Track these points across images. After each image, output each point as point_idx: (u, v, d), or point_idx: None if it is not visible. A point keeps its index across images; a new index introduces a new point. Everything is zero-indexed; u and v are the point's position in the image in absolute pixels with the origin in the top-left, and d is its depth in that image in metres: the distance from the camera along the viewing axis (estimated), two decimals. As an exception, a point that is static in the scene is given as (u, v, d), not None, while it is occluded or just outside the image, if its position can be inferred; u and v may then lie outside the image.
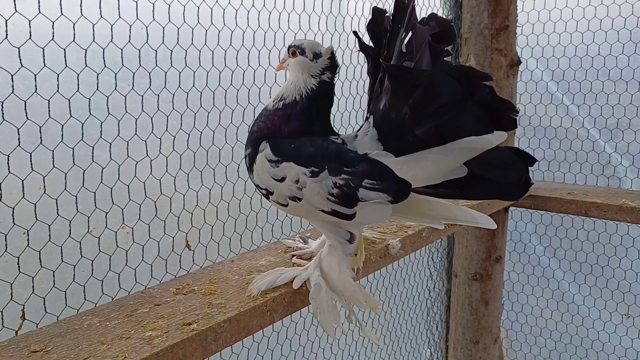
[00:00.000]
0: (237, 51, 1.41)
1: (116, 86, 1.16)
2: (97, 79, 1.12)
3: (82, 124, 1.11)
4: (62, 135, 1.08)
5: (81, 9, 1.07)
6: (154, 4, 1.18)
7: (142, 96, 1.21)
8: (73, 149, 1.10)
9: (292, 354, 1.78)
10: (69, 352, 0.89)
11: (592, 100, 2.30)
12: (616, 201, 1.97)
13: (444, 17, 1.08)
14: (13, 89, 1.01)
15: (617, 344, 2.45)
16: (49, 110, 1.06)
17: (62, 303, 1.12)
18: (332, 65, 1.13)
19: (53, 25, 1.04)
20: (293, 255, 1.32)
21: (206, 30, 1.33)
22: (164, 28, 1.23)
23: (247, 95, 1.46)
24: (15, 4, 0.99)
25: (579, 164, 2.37)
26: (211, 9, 1.33)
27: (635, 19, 2.13)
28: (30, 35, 1.02)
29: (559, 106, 2.42)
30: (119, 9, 1.14)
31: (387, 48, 1.10)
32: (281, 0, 1.53)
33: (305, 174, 1.05)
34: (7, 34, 0.99)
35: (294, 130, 1.09)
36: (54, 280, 1.11)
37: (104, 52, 1.12)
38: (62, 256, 1.12)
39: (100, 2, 1.10)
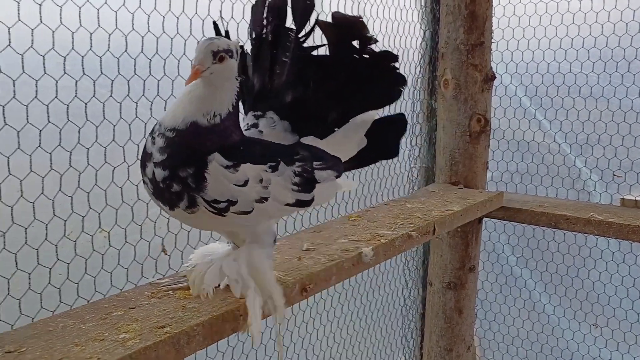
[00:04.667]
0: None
1: (95, 93, 1.18)
2: (76, 86, 1.14)
3: (60, 130, 1.13)
4: (40, 140, 1.10)
5: (61, 18, 1.09)
6: (133, 14, 1.21)
7: (121, 103, 1.23)
8: (51, 154, 1.12)
9: (267, 359, 1.80)
10: (43, 353, 0.91)
11: (564, 116, 2.37)
12: (584, 214, 2.03)
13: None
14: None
15: (586, 352, 2.50)
16: (27, 116, 1.08)
17: (37, 305, 1.13)
18: (240, 60, 1.07)
19: (32, 33, 1.06)
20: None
21: (185, 40, 1.36)
22: (143, 37, 1.26)
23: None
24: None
25: (550, 177, 2.43)
26: (190, 20, 1.36)
27: (605, 38, 2.21)
28: (10, 42, 1.04)
29: (531, 121, 2.48)
30: (98, 18, 1.16)
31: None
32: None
33: (267, 171, 1.04)
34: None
35: (234, 139, 1.03)
36: (29, 283, 1.13)
37: (83, 60, 1.14)
38: (38, 259, 1.14)
39: (80, 11, 1.12)
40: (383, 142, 1.26)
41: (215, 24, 1.13)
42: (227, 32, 1.13)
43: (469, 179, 2.29)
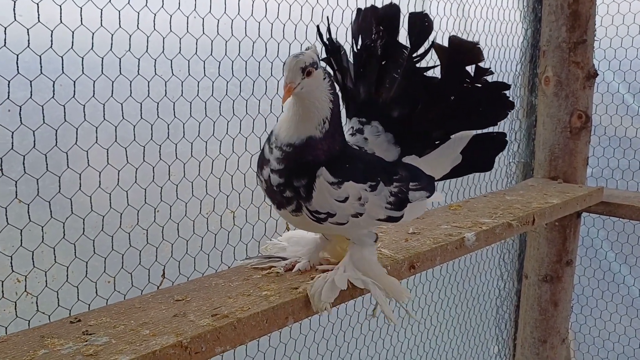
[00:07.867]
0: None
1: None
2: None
3: (200, 123, 1.37)
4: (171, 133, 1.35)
5: (171, 25, 1.28)
6: (233, 19, 1.37)
7: (247, 100, 1.45)
8: (192, 143, 1.35)
9: (345, 345, 1.95)
10: (204, 302, 1.11)
11: (669, 113, 2.36)
12: (688, 210, 2.03)
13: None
14: (131, 92, 1.26)
15: (687, 352, 2.48)
16: (158, 112, 1.31)
17: (191, 268, 1.36)
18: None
19: (130, 38, 1.23)
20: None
21: (278, 44, 1.51)
22: (253, 43, 1.44)
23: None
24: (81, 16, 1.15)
25: (654, 175, 2.43)
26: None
27: None
28: (112, 45, 1.20)
29: (634, 117, 2.48)
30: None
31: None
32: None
33: (366, 190, 1.12)
34: (72, 44, 1.15)
35: (339, 144, 1.11)
36: (172, 251, 1.37)
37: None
38: (194, 229, 1.37)
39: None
40: (479, 158, 1.29)
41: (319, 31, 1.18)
42: (329, 38, 1.17)
43: (568, 174, 2.34)
